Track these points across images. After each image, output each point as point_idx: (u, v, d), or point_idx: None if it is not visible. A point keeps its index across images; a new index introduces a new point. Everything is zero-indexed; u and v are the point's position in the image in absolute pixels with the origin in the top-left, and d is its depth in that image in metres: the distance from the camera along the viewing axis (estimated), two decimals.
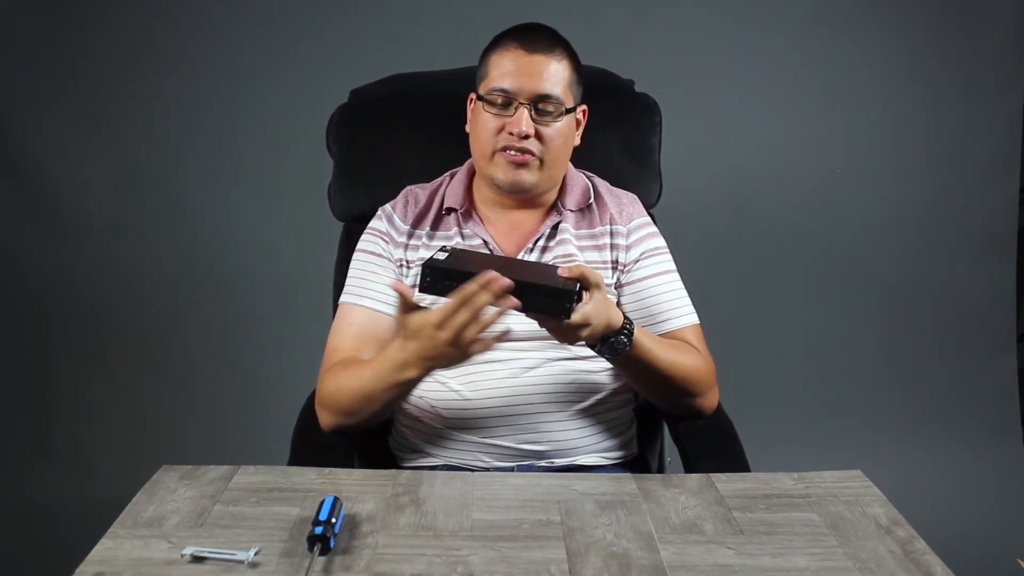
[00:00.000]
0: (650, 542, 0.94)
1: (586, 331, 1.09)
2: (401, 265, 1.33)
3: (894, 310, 2.60)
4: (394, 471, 1.14)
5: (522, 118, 1.24)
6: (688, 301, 1.34)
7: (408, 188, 1.40)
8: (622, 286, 1.33)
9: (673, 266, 1.36)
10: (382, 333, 1.28)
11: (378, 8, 2.42)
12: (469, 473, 1.14)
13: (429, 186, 1.39)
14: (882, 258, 2.58)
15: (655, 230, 1.38)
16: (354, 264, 1.35)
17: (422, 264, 1.06)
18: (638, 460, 1.40)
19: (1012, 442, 2.59)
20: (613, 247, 1.33)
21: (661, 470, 1.50)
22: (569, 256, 1.30)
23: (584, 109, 1.34)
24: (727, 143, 2.52)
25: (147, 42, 2.44)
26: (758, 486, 1.08)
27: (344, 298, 1.33)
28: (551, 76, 1.25)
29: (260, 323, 2.53)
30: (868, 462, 1.23)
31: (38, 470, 2.44)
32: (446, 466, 1.28)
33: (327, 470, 1.11)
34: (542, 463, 1.28)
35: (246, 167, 2.48)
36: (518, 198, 1.32)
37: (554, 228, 1.33)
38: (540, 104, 1.25)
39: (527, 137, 1.25)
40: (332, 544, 0.90)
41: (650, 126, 1.55)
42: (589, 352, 1.28)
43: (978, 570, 1.58)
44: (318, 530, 0.90)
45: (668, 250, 1.37)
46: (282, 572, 0.88)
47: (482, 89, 1.29)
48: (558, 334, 1.11)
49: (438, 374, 1.29)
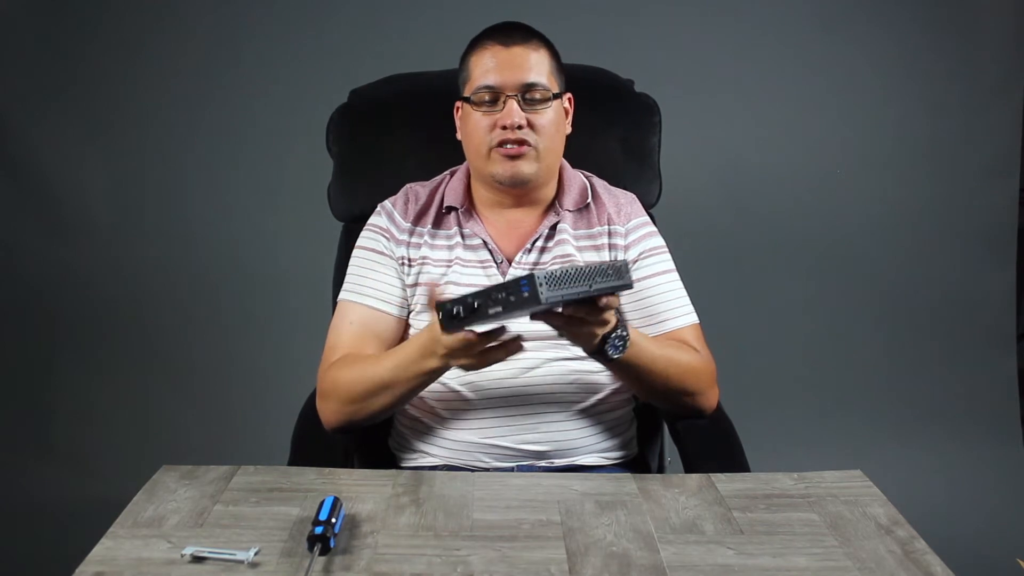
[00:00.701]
0: (650, 542, 0.94)
1: (607, 328, 1.10)
2: (403, 263, 1.32)
3: (894, 310, 2.60)
4: (394, 471, 1.14)
5: (512, 110, 1.25)
6: (687, 301, 1.34)
7: (408, 185, 1.39)
8: None
9: (672, 266, 1.36)
10: (382, 331, 1.28)
11: (378, 8, 2.42)
12: (469, 473, 1.14)
13: (429, 184, 1.39)
14: (882, 258, 2.58)
15: (653, 230, 1.38)
16: (353, 261, 1.35)
17: (445, 303, 1.04)
18: (638, 460, 1.40)
19: (1012, 442, 2.59)
20: (611, 247, 1.33)
21: (661, 470, 1.50)
22: (568, 256, 1.30)
23: (570, 97, 1.34)
24: (727, 143, 2.51)
25: (147, 42, 2.44)
26: (758, 486, 1.08)
27: (343, 295, 1.32)
28: (533, 65, 1.26)
29: (260, 323, 2.53)
30: (868, 462, 1.23)
31: (38, 470, 2.44)
32: (446, 466, 1.28)
33: (327, 470, 1.12)
34: (542, 463, 1.28)
35: (246, 167, 2.48)
36: (516, 194, 1.32)
37: (552, 228, 1.33)
38: (527, 94, 1.26)
39: (520, 127, 1.25)
40: (332, 544, 0.90)
41: (650, 126, 1.55)
42: None
43: (978, 570, 1.58)
44: (318, 530, 0.90)
45: (667, 249, 1.37)
46: (282, 572, 0.88)
47: (467, 91, 1.29)
48: (581, 338, 1.11)
49: None
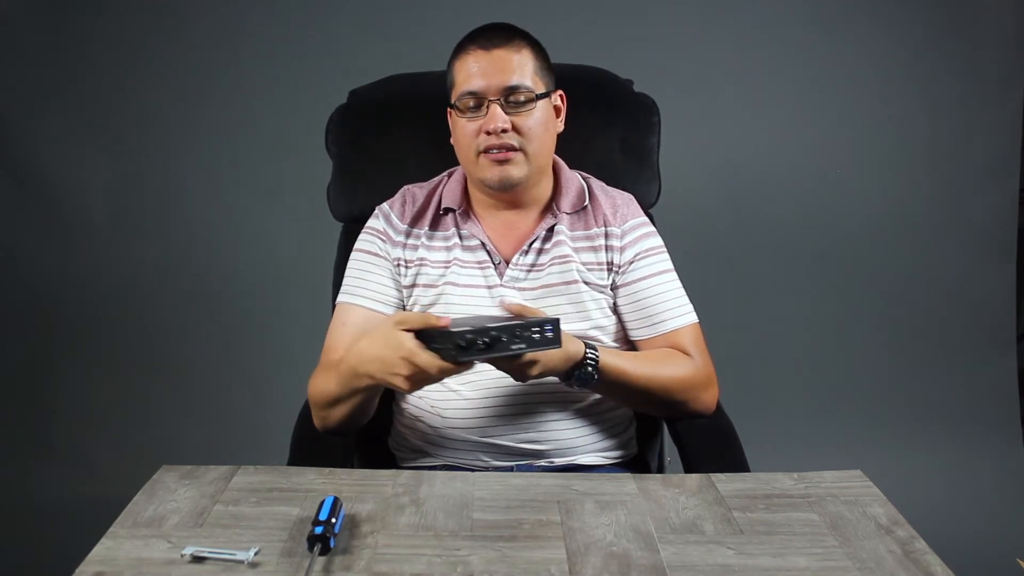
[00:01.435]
0: (650, 542, 0.94)
1: (535, 369, 1.11)
2: (398, 264, 1.33)
3: (894, 310, 2.60)
4: (394, 471, 1.14)
5: (495, 115, 1.24)
6: (686, 301, 1.34)
7: (406, 187, 1.39)
8: (618, 287, 1.32)
9: (670, 266, 1.35)
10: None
11: (378, 8, 2.42)
12: (469, 473, 1.14)
13: (427, 185, 1.39)
14: (882, 258, 2.58)
15: (651, 230, 1.37)
16: (351, 264, 1.35)
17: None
18: (638, 460, 1.40)
19: (1012, 442, 2.59)
20: (608, 248, 1.33)
21: (661, 470, 1.50)
22: (565, 257, 1.30)
23: (561, 94, 1.34)
24: (726, 143, 2.51)
25: (147, 42, 2.44)
26: (758, 486, 1.08)
27: (341, 298, 1.33)
28: (515, 67, 1.25)
29: (260, 323, 2.53)
30: (868, 462, 1.23)
31: (38, 470, 2.44)
32: (446, 466, 1.29)
33: (327, 470, 1.12)
34: (541, 462, 1.28)
35: (246, 167, 2.48)
36: (510, 196, 1.32)
37: (550, 231, 1.33)
38: (510, 96, 1.25)
39: (504, 131, 1.24)
40: (332, 544, 0.90)
41: (649, 126, 1.55)
42: None
43: (978, 570, 1.58)
44: (318, 530, 0.90)
45: (665, 250, 1.36)
46: (282, 572, 0.88)
47: (453, 97, 1.29)
48: (515, 373, 1.12)
49: None
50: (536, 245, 1.32)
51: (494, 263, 1.31)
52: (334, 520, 0.92)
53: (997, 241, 2.61)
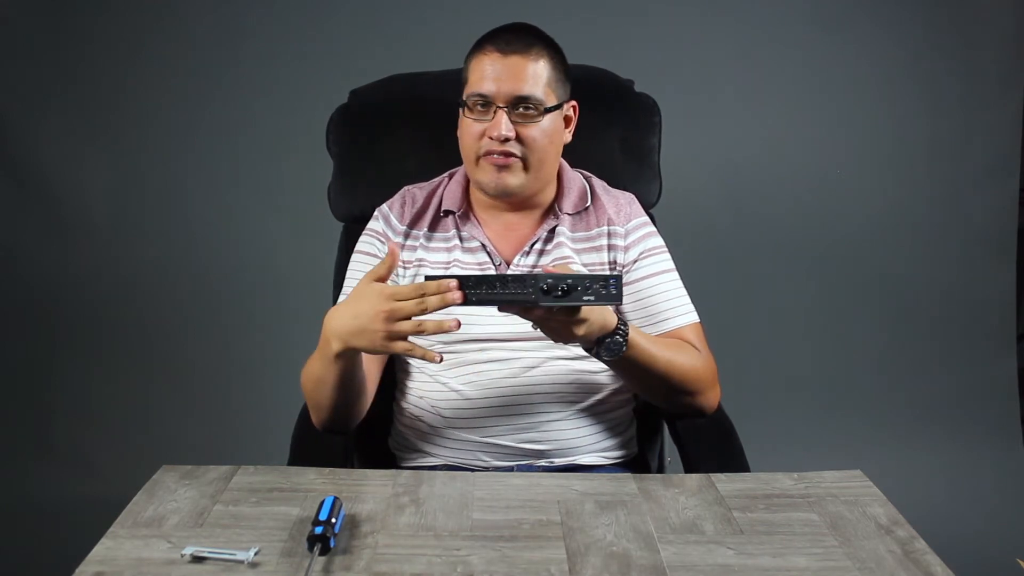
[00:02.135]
0: (650, 542, 0.94)
1: (583, 328, 1.08)
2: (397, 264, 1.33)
3: (894, 310, 2.60)
4: (394, 471, 1.14)
5: (500, 122, 1.23)
6: (688, 300, 1.34)
7: (406, 188, 1.39)
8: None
9: (672, 265, 1.36)
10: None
11: (378, 8, 2.42)
12: (469, 473, 1.14)
13: (427, 186, 1.39)
14: (882, 258, 2.58)
15: (653, 230, 1.38)
16: (351, 265, 1.35)
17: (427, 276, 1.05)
18: (638, 460, 1.40)
19: (1012, 442, 2.59)
20: (611, 248, 1.33)
21: (661, 470, 1.50)
22: (566, 259, 1.30)
23: (574, 105, 1.33)
24: (727, 143, 2.51)
25: (147, 42, 2.44)
26: (758, 486, 1.08)
27: (340, 299, 1.33)
28: (528, 77, 1.24)
29: (260, 323, 2.53)
30: (868, 462, 1.23)
31: (38, 470, 2.44)
32: (446, 466, 1.29)
33: (327, 470, 1.12)
34: (541, 462, 1.28)
35: (246, 167, 2.48)
36: (508, 201, 1.32)
37: (551, 232, 1.33)
38: (519, 106, 1.24)
39: (507, 140, 1.24)
40: (332, 544, 0.90)
41: (650, 126, 1.55)
42: None
43: (978, 570, 1.57)
44: (318, 530, 0.90)
45: (666, 249, 1.37)
46: (282, 572, 0.88)
47: (464, 94, 1.29)
48: (556, 333, 1.09)
49: (438, 374, 1.29)
50: (537, 247, 1.32)
51: (494, 264, 1.31)
52: (334, 520, 0.92)
53: (997, 241, 2.61)
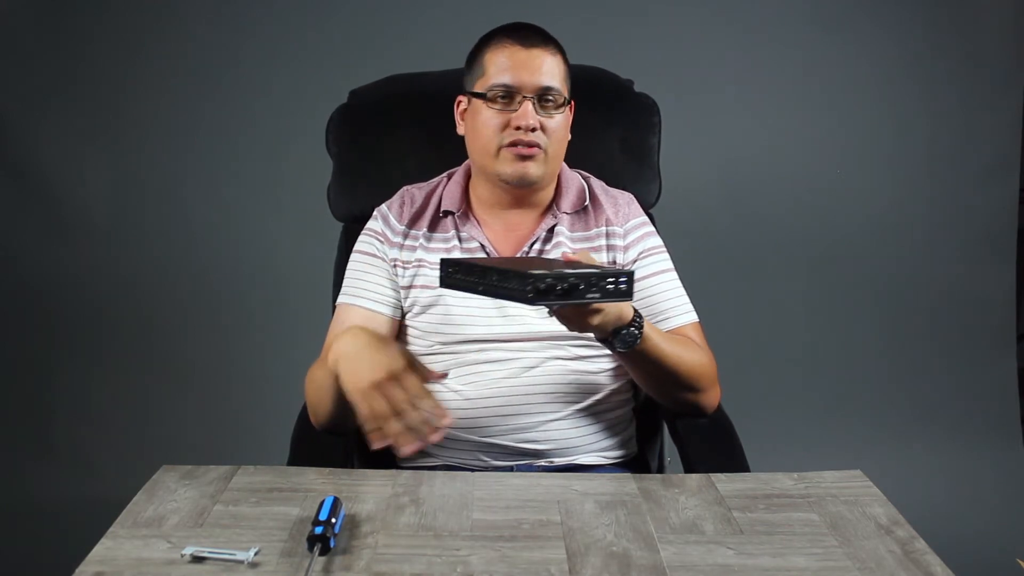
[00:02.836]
0: (650, 542, 0.94)
1: (597, 318, 1.07)
2: (395, 265, 1.33)
3: (894, 310, 2.60)
4: (394, 471, 1.14)
5: (528, 111, 1.25)
6: (687, 299, 1.34)
7: (405, 188, 1.40)
8: None
9: (671, 265, 1.36)
10: (376, 331, 1.28)
11: (378, 8, 2.42)
12: (469, 473, 1.14)
13: (426, 186, 1.39)
14: (882, 258, 2.58)
15: (652, 229, 1.38)
16: (351, 265, 1.36)
17: (441, 260, 1.05)
18: (638, 460, 1.40)
19: (1012, 442, 2.59)
20: (610, 248, 1.33)
21: (661, 470, 1.50)
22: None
23: (571, 104, 1.35)
24: (727, 143, 2.51)
25: (147, 42, 2.44)
26: (758, 486, 1.08)
27: (341, 299, 1.34)
28: (550, 69, 1.27)
29: (260, 323, 2.53)
30: (868, 462, 1.23)
31: (38, 470, 2.44)
32: (446, 466, 1.29)
33: (327, 470, 1.12)
34: (541, 462, 1.28)
35: (246, 167, 2.48)
36: (518, 195, 1.32)
37: (550, 231, 1.33)
38: (544, 96, 1.27)
39: (534, 130, 1.25)
40: (332, 544, 0.90)
41: (649, 126, 1.55)
42: (588, 352, 1.29)
43: (978, 570, 1.57)
44: (318, 530, 0.90)
45: (665, 249, 1.37)
46: (282, 572, 0.88)
47: (479, 87, 1.29)
48: (569, 321, 1.08)
49: None
50: (536, 246, 1.32)
51: None
52: (334, 520, 0.92)
53: (997, 241, 2.61)
